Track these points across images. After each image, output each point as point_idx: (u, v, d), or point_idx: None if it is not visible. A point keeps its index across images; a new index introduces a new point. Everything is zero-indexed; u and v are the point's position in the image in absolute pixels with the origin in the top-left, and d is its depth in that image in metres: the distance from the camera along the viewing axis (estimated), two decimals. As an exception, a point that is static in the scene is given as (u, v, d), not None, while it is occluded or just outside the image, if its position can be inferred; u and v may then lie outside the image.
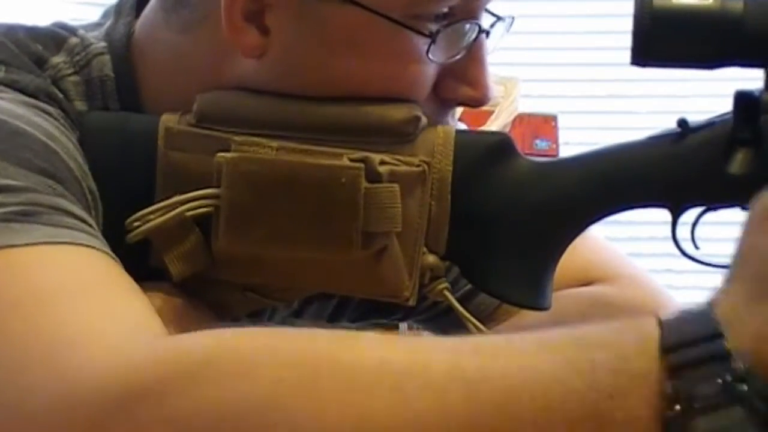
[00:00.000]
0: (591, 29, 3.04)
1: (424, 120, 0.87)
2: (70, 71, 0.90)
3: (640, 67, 0.85)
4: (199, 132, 0.85)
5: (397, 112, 0.86)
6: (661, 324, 0.63)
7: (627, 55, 0.83)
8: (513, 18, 0.94)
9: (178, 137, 0.86)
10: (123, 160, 0.87)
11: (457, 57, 0.88)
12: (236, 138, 0.84)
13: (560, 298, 0.93)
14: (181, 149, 0.86)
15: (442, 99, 0.89)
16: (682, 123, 0.85)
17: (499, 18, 0.92)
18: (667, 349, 0.62)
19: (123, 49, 0.92)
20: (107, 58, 0.91)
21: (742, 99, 0.85)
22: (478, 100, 0.89)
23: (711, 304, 0.63)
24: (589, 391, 0.62)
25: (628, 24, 0.82)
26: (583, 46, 3.09)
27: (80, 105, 0.90)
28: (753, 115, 0.84)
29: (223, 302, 0.89)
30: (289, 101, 0.86)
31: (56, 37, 0.92)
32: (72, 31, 0.93)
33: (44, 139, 0.82)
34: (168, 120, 0.87)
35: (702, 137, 0.85)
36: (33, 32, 0.92)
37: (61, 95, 0.89)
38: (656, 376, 0.62)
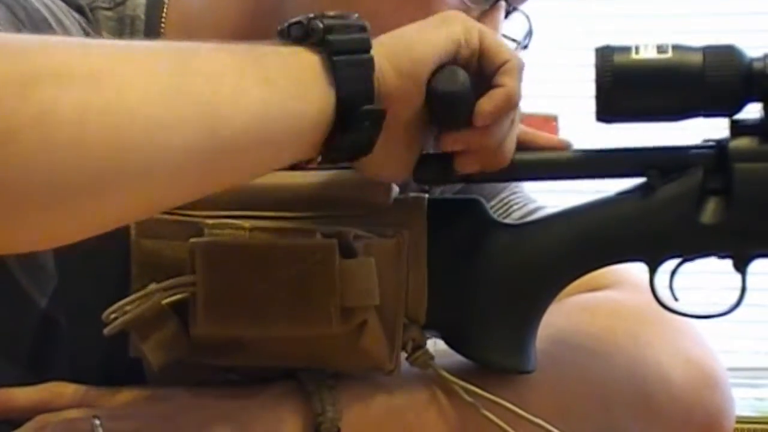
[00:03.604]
0: (591, 29, 3.03)
1: (395, 189, 0.87)
2: (105, 5, 0.97)
3: (605, 123, 0.85)
4: (169, 218, 0.85)
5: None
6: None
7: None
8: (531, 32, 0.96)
9: (149, 225, 0.85)
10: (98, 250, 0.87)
11: (471, 7, 0.90)
12: (208, 221, 0.84)
13: (562, 305, 0.92)
14: (154, 236, 0.85)
15: None
16: (652, 176, 0.84)
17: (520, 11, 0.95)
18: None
19: None
20: (143, 0, 0.97)
21: (711, 148, 0.84)
22: None
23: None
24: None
25: (628, 24, 0.82)
26: (583, 46, 3.07)
27: (107, 37, 0.95)
28: (722, 163, 0.83)
29: (205, 384, 0.88)
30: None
31: None
32: None
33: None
34: None
35: (672, 189, 0.84)
36: None
37: (91, 15, 0.95)
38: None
